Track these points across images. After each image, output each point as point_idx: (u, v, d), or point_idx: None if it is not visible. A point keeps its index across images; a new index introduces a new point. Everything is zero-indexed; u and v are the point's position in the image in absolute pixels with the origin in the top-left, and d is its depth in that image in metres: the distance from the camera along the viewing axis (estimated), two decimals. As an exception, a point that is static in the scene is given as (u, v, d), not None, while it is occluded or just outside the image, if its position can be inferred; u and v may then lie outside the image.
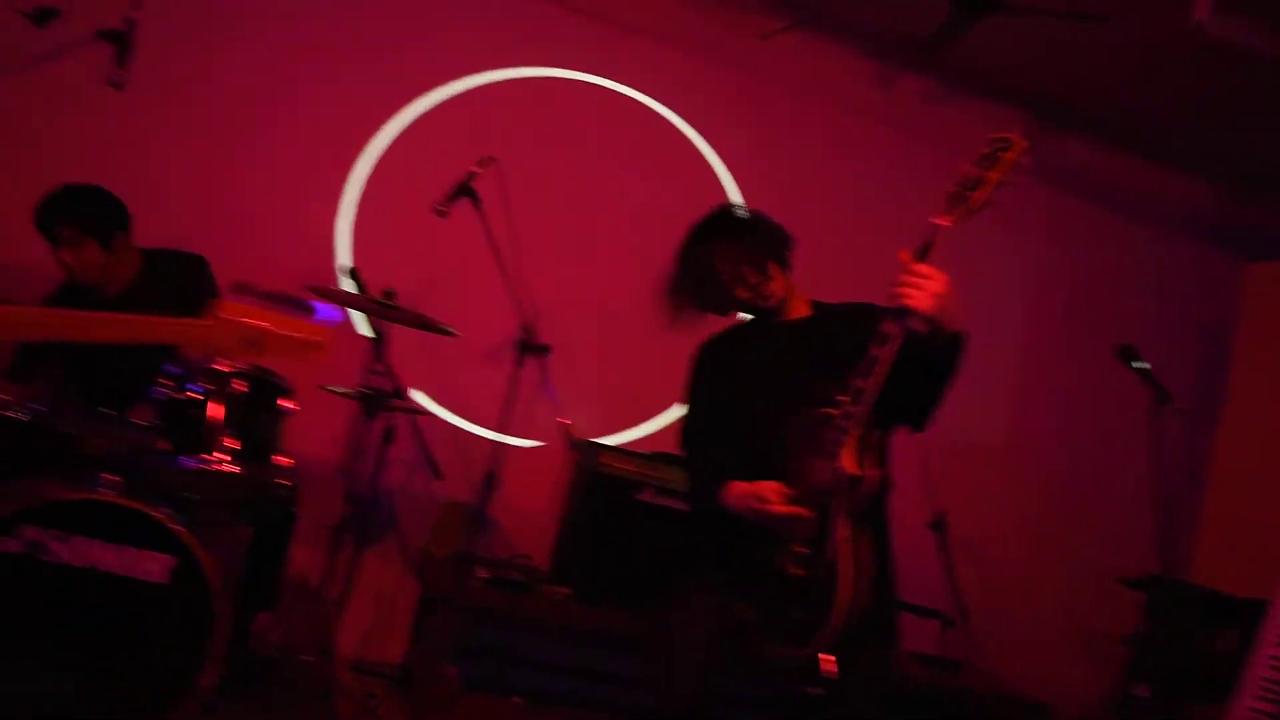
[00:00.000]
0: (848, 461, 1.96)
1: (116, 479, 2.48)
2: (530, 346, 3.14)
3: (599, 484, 3.64)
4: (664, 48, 4.34)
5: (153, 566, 2.37)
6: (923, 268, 1.88)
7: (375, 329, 3.24)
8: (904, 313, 1.89)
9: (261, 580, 3.08)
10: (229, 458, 2.67)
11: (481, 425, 3.96)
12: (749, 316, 2.34)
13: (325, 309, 1.50)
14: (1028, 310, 4.92)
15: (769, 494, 2.04)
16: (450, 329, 3.03)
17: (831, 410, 1.97)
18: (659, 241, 2.40)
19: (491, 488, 3.18)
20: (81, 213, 2.93)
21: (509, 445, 3.30)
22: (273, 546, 3.12)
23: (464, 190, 3.15)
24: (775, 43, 4.37)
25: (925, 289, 1.88)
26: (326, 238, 3.90)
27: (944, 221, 1.90)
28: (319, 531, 3.27)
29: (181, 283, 3.01)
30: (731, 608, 2.13)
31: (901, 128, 4.63)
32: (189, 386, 2.66)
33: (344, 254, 3.91)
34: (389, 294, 3.00)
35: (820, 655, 1.95)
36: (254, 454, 2.74)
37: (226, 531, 2.93)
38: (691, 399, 2.38)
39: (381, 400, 3.14)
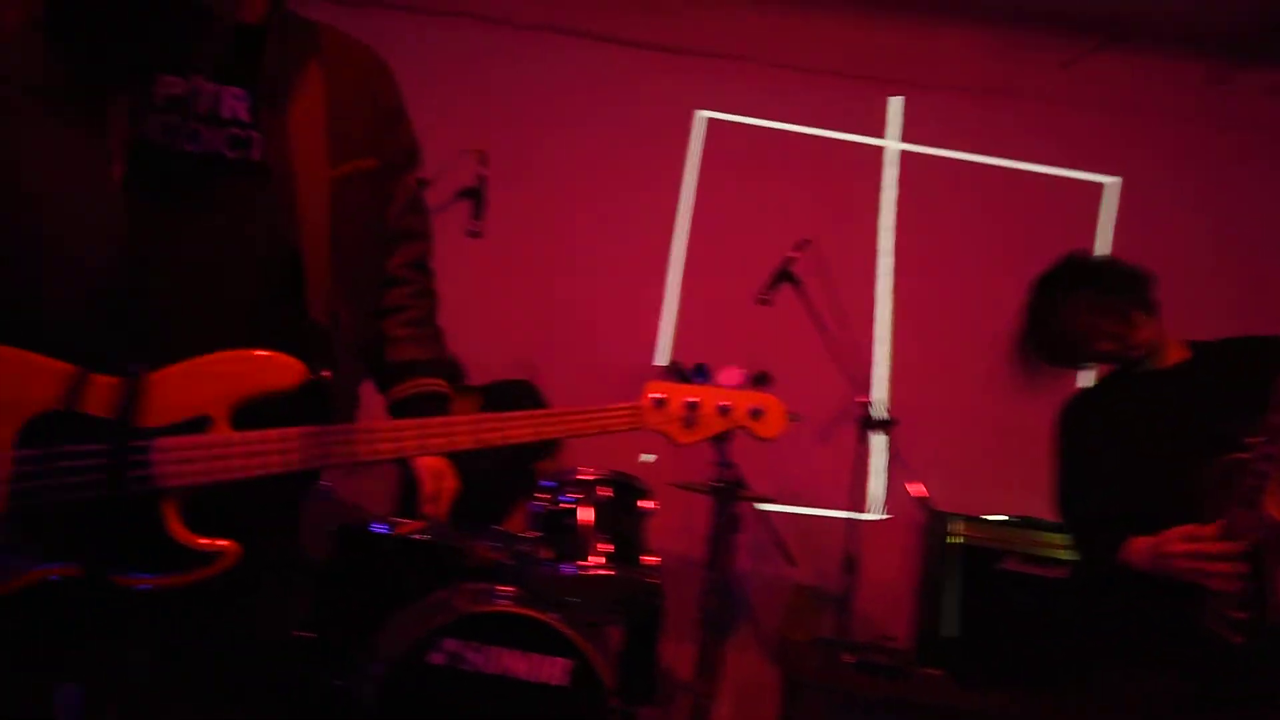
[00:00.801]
0: (1274, 508, 1.73)
1: (510, 589, 2.70)
2: (874, 421, 3.09)
3: (957, 555, 3.48)
4: (961, 97, 4.22)
5: (554, 670, 2.53)
6: None
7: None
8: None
9: (638, 676, 3.20)
10: (603, 561, 2.82)
11: (826, 506, 3.93)
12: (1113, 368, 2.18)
13: (737, 376, 1.52)
14: None
15: (1197, 534, 1.83)
16: (796, 414, 3.05)
17: (1244, 454, 1.76)
18: (1001, 297, 2.30)
19: (852, 570, 3.12)
20: None
21: (859, 524, 3.25)
22: (645, 642, 3.24)
23: (784, 276, 3.21)
24: (1080, 69, 4.12)
25: None
26: (653, 340, 4.11)
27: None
28: (682, 624, 3.37)
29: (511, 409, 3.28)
30: (1156, 683, 1.92)
31: (1248, 127, 4.15)
32: (561, 498, 2.87)
33: (670, 351, 4.09)
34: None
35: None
36: (624, 555, 2.88)
37: (605, 631, 3.08)
38: (1066, 461, 2.22)
39: (730, 492, 3.20)
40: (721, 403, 1.45)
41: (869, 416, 3.13)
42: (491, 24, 4.08)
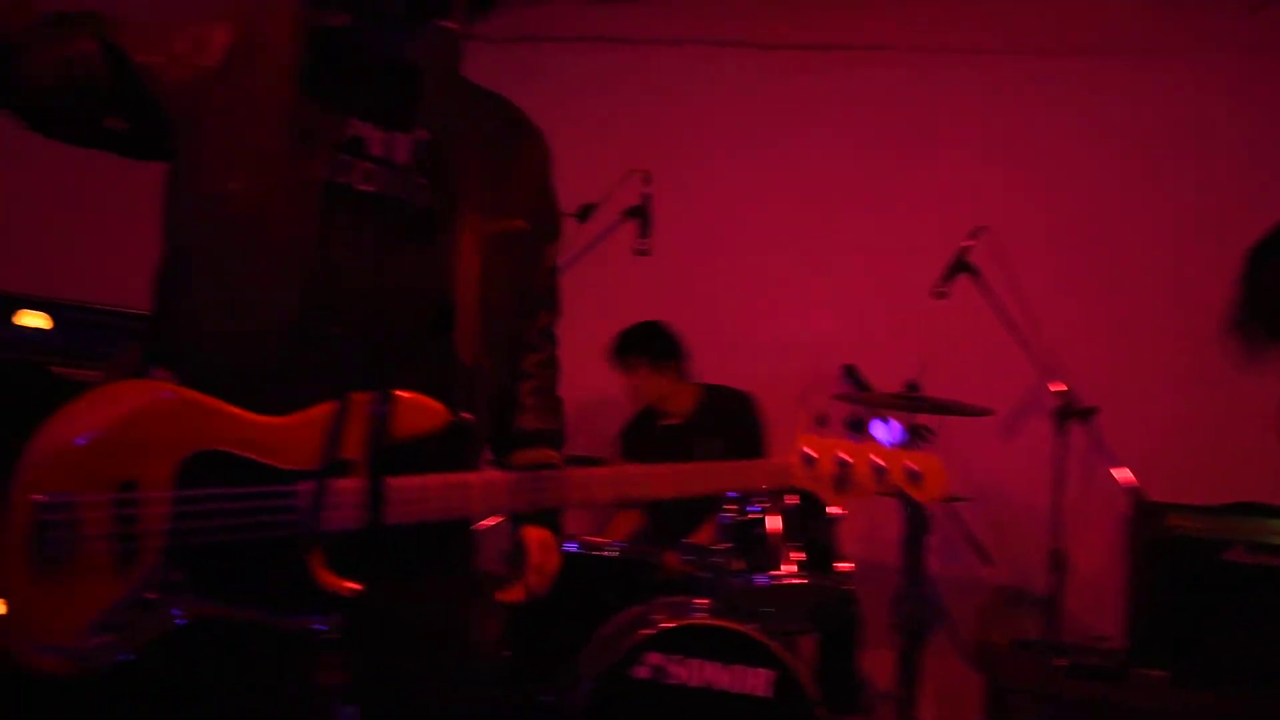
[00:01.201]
0: None
1: (705, 602, 2.71)
2: (1072, 411, 2.94)
3: (1172, 547, 3.25)
4: (1141, 61, 3.96)
5: (757, 681, 2.52)
6: None
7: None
8: None
9: (839, 685, 3.15)
10: (795, 569, 2.79)
11: (1022, 501, 3.76)
12: None
13: (894, 429, 1.40)
14: None
15: None
16: (984, 409, 2.94)
17: None
18: (1208, 271, 2.14)
19: (1061, 567, 2.97)
20: (636, 343, 3.55)
21: (1060, 519, 3.08)
22: (843, 651, 3.19)
23: (960, 266, 3.10)
24: (1270, 13, 3.81)
25: None
26: (826, 343, 4.04)
27: None
28: (878, 630, 3.29)
29: (733, 415, 3.38)
30: None
31: None
32: (749, 508, 2.85)
33: (843, 355, 4.01)
34: (913, 387, 3.00)
35: None
36: (816, 563, 2.84)
37: (801, 640, 3.05)
38: (1303, 440, 2.05)
39: (919, 493, 3.11)
40: (877, 462, 1.36)
41: (1066, 405, 2.97)
42: (644, 45, 4.14)
